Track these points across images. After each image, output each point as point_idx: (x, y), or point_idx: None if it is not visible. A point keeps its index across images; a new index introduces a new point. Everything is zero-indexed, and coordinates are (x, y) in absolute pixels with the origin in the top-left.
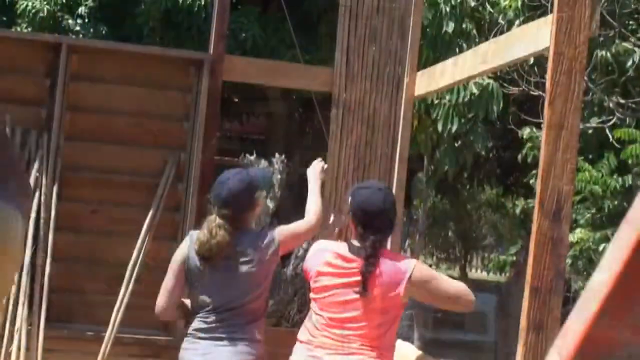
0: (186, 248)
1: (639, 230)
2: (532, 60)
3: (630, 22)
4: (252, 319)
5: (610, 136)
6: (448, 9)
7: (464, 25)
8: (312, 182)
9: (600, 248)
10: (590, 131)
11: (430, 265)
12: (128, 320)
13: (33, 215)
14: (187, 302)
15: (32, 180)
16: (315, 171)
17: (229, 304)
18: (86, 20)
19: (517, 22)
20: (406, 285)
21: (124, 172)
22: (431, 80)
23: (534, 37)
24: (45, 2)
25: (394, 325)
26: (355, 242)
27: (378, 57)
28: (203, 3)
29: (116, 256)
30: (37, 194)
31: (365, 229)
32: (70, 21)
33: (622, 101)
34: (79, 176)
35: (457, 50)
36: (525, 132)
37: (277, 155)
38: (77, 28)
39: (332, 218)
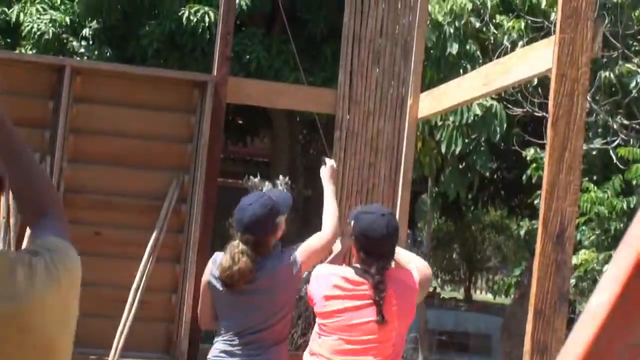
0: (209, 272)
1: (638, 252)
2: (535, 82)
3: (634, 44)
4: (277, 341)
5: (614, 157)
6: (452, 30)
7: (467, 47)
8: (326, 186)
9: (605, 269)
10: (594, 152)
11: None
12: (131, 344)
13: None
14: None
15: None
16: (327, 172)
17: (254, 327)
18: (90, 42)
19: (520, 43)
20: (417, 297)
21: (127, 194)
22: (435, 101)
23: (536, 59)
24: (50, 24)
25: (402, 341)
26: (359, 266)
27: (381, 78)
28: (207, 25)
29: (119, 278)
30: None
31: (368, 254)
32: (74, 43)
33: (626, 122)
34: (82, 198)
35: (461, 71)
36: (530, 152)
37: (280, 177)
38: (82, 50)
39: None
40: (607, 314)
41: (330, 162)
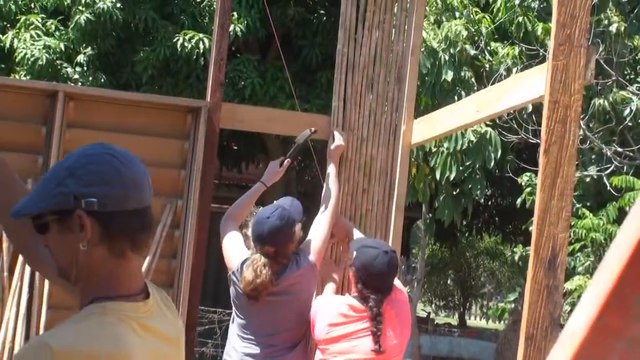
0: (233, 266)
1: (615, 275)
2: (530, 108)
3: (628, 71)
4: (296, 342)
5: (607, 184)
6: (447, 57)
7: (462, 74)
8: (328, 163)
9: None
10: (588, 179)
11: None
12: None
13: None
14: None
15: None
16: (330, 150)
17: (276, 329)
18: (85, 68)
19: (515, 70)
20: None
21: None
22: (428, 127)
23: (529, 85)
24: (44, 51)
25: (404, 348)
26: (358, 294)
27: (375, 105)
28: (201, 51)
29: None
30: None
31: (366, 287)
32: (69, 69)
33: (619, 150)
34: None
35: (455, 98)
36: (524, 179)
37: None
38: (76, 76)
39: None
40: (584, 336)
41: (338, 141)
